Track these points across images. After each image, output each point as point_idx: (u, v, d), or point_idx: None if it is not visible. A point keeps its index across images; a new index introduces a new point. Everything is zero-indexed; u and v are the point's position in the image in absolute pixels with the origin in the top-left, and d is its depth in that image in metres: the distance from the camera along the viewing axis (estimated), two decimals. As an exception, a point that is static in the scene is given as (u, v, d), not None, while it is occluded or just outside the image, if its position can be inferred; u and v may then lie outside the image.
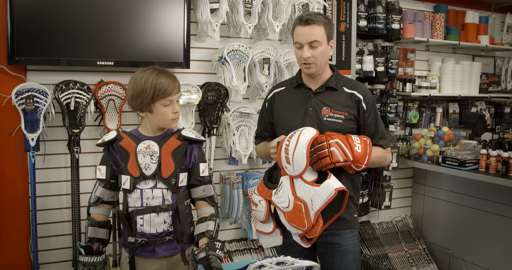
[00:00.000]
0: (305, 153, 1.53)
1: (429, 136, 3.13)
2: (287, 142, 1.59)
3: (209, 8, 2.50)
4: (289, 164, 1.58)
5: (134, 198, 1.68)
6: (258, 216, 1.77)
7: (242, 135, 2.74)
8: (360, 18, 3.09)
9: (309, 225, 1.56)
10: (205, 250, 1.55)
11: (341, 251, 1.85)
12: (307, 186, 1.56)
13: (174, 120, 1.69)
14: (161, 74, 1.66)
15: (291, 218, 1.61)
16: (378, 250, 3.26)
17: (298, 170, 1.57)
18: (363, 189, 3.18)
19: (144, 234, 1.68)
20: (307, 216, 1.55)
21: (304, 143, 1.54)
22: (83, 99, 2.36)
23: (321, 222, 1.57)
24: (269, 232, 1.77)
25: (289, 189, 1.61)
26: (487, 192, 3.02)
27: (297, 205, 1.58)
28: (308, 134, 1.57)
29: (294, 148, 1.55)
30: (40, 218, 2.39)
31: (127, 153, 1.69)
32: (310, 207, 1.55)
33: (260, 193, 1.76)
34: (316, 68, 1.80)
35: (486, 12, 3.90)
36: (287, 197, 1.61)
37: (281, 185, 1.65)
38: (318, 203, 1.53)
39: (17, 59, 2.25)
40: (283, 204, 1.63)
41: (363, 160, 1.67)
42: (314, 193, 1.54)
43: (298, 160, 1.55)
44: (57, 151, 2.44)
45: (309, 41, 1.75)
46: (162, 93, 1.63)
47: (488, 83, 3.76)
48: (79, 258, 1.66)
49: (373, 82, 3.25)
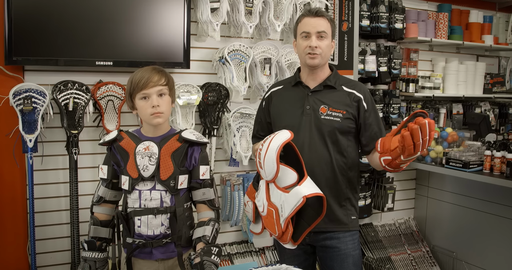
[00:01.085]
0: (275, 158, 1.52)
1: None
2: (260, 147, 1.59)
3: (210, 7, 2.48)
4: (262, 169, 1.58)
5: (133, 199, 1.68)
6: (248, 216, 1.82)
7: (243, 136, 2.72)
8: (362, 18, 3.07)
9: (279, 231, 1.55)
10: (200, 255, 1.55)
11: (340, 255, 1.83)
12: (278, 192, 1.55)
13: (154, 115, 1.65)
14: (142, 69, 1.67)
15: (266, 223, 1.62)
16: (381, 253, 3.24)
17: (269, 175, 1.57)
18: (365, 191, 3.15)
19: (141, 235, 1.67)
20: (277, 223, 1.55)
21: (274, 148, 1.53)
22: (82, 100, 2.34)
23: (291, 230, 1.54)
24: (258, 233, 1.79)
25: (264, 194, 1.61)
26: (492, 194, 2.99)
27: (269, 210, 1.58)
28: (279, 138, 1.55)
29: (265, 153, 1.55)
30: (38, 220, 2.37)
31: (127, 154, 1.69)
32: (280, 213, 1.53)
33: (248, 194, 1.78)
34: (321, 60, 1.79)
35: (491, 12, 3.88)
36: (263, 201, 1.61)
37: (259, 189, 1.66)
38: (287, 210, 1.51)
39: (15, 59, 2.23)
40: (260, 208, 1.64)
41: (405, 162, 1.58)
42: (284, 199, 1.52)
43: (269, 165, 1.54)
44: (55, 152, 2.43)
45: (318, 30, 1.77)
46: (136, 86, 1.64)
47: (493, 84, 3.74)
48: (81, 253, 1.68)
49: (376, 82, 3.23)
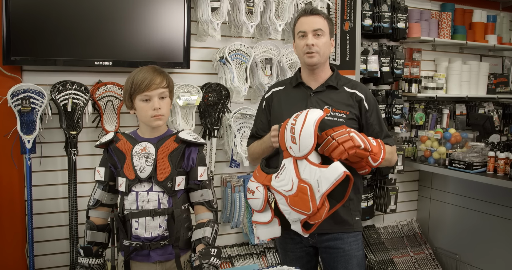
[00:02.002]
0: (313, 132, 1.50)
1: (436, 138, 3.10)
2: (293, 121, 1.55)
3: (210, 7, 2.48)
4: (295, 144, 1.53)
5: (130, 200, 1.67)
6: (255, 204, 1.70)
7: (243, 137, 2.71)
8: (364, 17, 3.05)
9: (314, 208, 1.52)
10: (199, 258, 1.54)
11: (344, 256, 1.82)
12: (313, 168, 1.52)
13: (155, 117, 1.65)
14: (142, 70, 1.66)
15: (294, 202, 1.56)
16: (383, 255, 3.22)
17: (305, 150, 1.53)
18: (368, 192, 3.15)
19: (138, 237, 1.67)
20: (313, 199, 1.51)
21: (312, 121, 1.51)
22: (81, 100, 2.33)
23: (327, 206, 1.52)
24: (267, 222, 1.70)
25: (293, 171, 1.56)
26: (495, 196, 2.98)
27: (301, 187, 1.53)
28: (315, 113, 1.55)
29: (302, 126, 1.51)
30: (37, 222, 2.36)
31: (123, 155, 1.68)
32: (316, 189, 1.51)
33: (258, 179, 1.70)
34: (319, 59, 1.78)
35: (494, 11, 3.86)
36: (291, 179, 1.56)
37: (283, 168, 1.61)
38: (325, 185, 1.49)
39: (13, 59, 2.22)
40: (285, 187, 1.58)
41: (380, 153, 1.64)
42: (321, 174, 1.51)
43: (305, 139, 1.51)
44: (54, 153, 2.42)
45: (314, 28, 1.77)
46: (137, 88, 1.62)
47: (496, 84, 3.72)
48: (78, 259, 1.67)
49: (378, 82, 3.21)
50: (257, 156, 1.89)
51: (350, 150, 1.55)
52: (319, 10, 1.82)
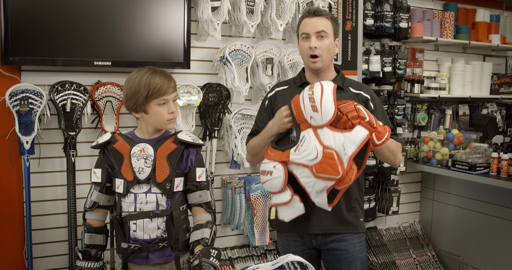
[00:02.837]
0: (333, 98, 1.54)
1: (438, 139, 3.09)
2: (310, 92, 1.57)
3: (210, 6, 2.47)
4: (317, 112, 1.55)
5: (128, 202, 1.66)
6: (275, 185, 1.64)
7: (244, 138, 2.70)
8: (366, 17, 3.04)
9: (343, 171, 1.53)
10: (199, 257, 1.54)
11: (348, 257, 1.81)
12: (337, 134, 1.55)
13: (170, 120, 1.67)
14: (155, 73, 1.64)
15: (321, 169, 1.56)
16: (385, 257, 3.21)
17: (328, 117, 1.55)
18: (370, 194, 3.13)
19: (137, 240, 1.65)
20: (340, 162, 1.53)
21: (329, 89, 1.55)
22: (80, 101, 2.32)
23: (355, 168, 1.56)
24: (287, 202, 1.65)
25: (316, 140, 1.58)
26: (498, 197, 2.97)
27: (327, 153, 1.55)
28: (329, 83, 1.58)
29: (321, 94, 1.54)
30: (35, 224, 2.36)
31: (121, 156, 1.66)
32: (343, 152, 1.53)
33: (273, 158, 1.66)
34: (322, 63, 1.78)
35: (498, 10, 3.84)
36: (315, 147, 1.57)
37: (303, 140, 1.62)
38: (351, 147, 1.52)
39: (11, 59, 2.22)
40: (309, 156, 1.58)
41: (384, 133, 1.63)
42: (345, 138, 1.53)
43: (327, 105, 1.54)
44: (52, 154, 2.41)
45: (317, 30, 1.76)
46: (156, 92, 1.61)
47: (500, 84, 3.70)
48: (76, 262, 1.66)
49: (380, 83, 3.20)
50: (257, 150, 1.83)
51: (354, 119, 1.56)
52: (323, 11, 1.80)
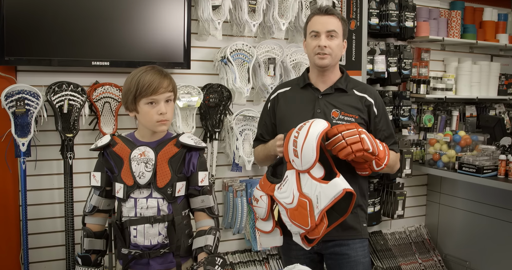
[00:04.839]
0: (315, 146, 1.47)
1: (445, 141, 3.07)
2: (296, 134, 1.53)
3: (211, 5, 2.46)
4: (297, 158, 1.51)
5: (128, 207, 1.63)
6: (259, 213, 1.72)
7: (246, 139, 2.68)
8: (371, 16, 3.03)
9: (312, 224, 1.51)
10: (204, 264, 1.51)
11: (350, 262, 1.79)
12: (314, 183, 1.51)
13: (160, 122, 1.60)
14: (148, 71, 1.60)
15: (294, 216, 1.56)
16: (390, 262, 3.20)
17: (307, 164, 1.51)
18: (374, 197, 3.12)
19: (137, 245, 1.63)
20: (311, 215, 1.50)
21: (314, 135, 1.48)
22: (77, 102, 2.30)
23: (326, 223, 1.51)
24: (269, 231, 1.73)
25: (295, 184, 1.55)
26: (507, 200, 2.95)
27: (301, 202, 1.52)
28: (319, 126, 1.51)
29: (304, 140, 1.49)
30: (32, 228, 2.34)
31: (121, 160, 1.63)
32: (315, 205, 1.50)
33: (262, 188, 1.70)
34: (331, 61, 1.76)
35: (505, 9, 3.82)
36: (292, 192, 1.55)
37: (285, 180, 1.60)
38: (324, 201, 1.48)
39: (7, 59, 2.20)
40: (286, 199, 1.58)
41: (384, 159, 1.63)
42: (320, 190, 1.49)
43: (307, 153, 1.48)
44: (49, 156, 2.39)
45: (328, 29, 1.74)
46: (144, 90, 1.56)
47: (508, 85, 3.69)
48: (76, 268, 1.65)
49: (385, 83, 3.19)
50: (262, 159, 1.91)
51: (357, 152, 1.55)
52: (334, 10, 1.78)
